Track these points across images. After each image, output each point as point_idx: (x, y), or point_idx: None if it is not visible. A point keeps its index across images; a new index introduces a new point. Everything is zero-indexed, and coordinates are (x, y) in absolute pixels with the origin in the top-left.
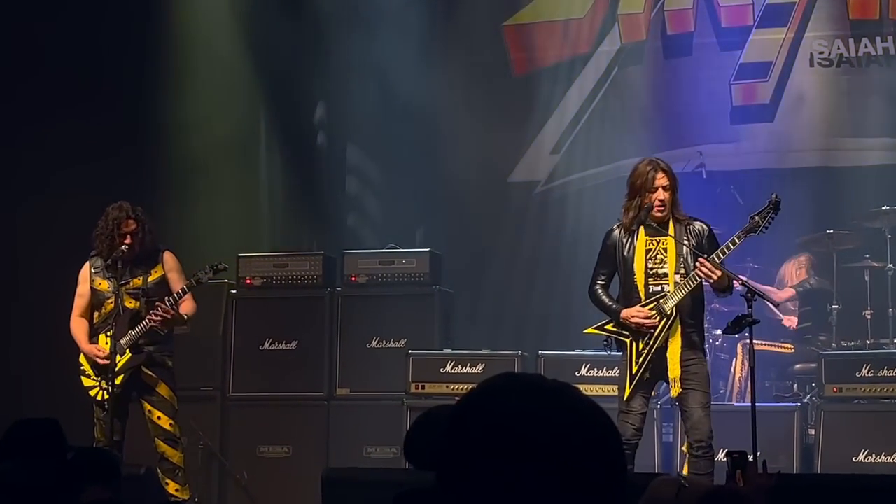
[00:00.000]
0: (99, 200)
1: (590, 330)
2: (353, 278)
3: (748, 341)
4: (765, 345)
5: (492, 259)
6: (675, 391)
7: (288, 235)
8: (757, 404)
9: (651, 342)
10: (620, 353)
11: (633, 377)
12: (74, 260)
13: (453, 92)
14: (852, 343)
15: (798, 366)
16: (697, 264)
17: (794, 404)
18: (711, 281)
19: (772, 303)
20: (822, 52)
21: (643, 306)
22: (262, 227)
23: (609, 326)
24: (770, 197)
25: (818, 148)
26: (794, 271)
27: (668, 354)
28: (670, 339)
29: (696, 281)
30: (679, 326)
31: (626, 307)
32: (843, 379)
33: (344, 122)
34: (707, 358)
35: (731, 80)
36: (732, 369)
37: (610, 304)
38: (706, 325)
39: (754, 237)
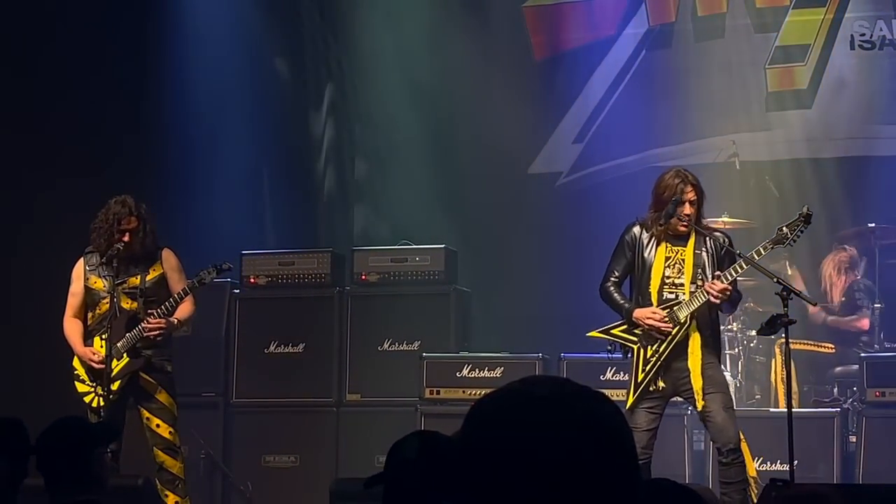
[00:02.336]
0: (97, 193)
1: (594, 333)
2: (363, 277)
3: (785, 342)
4: (803, 344)
5: (511, 255)
6: (700, 404)
7: (294, 231)
8: (794, 409)
9: (661, 350)
10: (621, 357)
11: (637, 385)
12: (69, 256)
13: (470, 77)
14: None
15: (838, 368)
16: (706, 286)
17: (834, 409)
18: (719, 301)
19: (809, 302)
20: (863, 34)
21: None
22: (267, 222)
23: (616, 331)
24: (801, 209)
25: (859, 136)
26: (832, 274)
27: (689, 365)
28: (690, 350)
29: (701, 300)
30: (698, 336)
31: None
32: (887, 382)
33: (354, 109)
34: (741, 360)
35: (765, 65)
36: (772, 373)
37: (622, 302)
38: (741, 326)
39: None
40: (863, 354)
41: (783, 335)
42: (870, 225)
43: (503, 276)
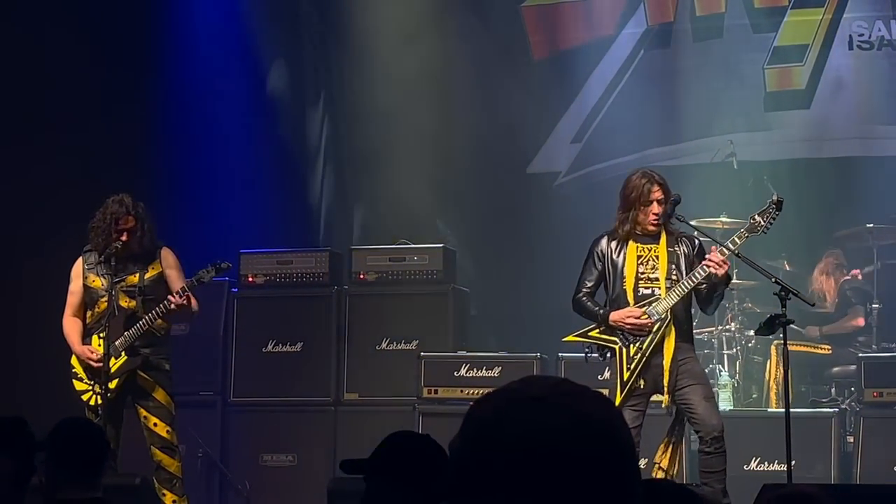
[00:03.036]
0: (97, 193)
1: (570, 337)
2: (361, 276)
3: (782, 342)
4: (800, 346)
5: (509, 255)
6: (666, 399)
7: (292, 230)
8: (792, 410)
9: (644, 347)
10: (602, 360)
11: (623, 385)
12: (68, 255)
13: (468, 77)
14: (894, 345)
15: (836, 369)
16: (708, 256)
17: (831, 410)
18: (719, 274)
19: (807, 302)
20: (861, 35)
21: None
22: (265, 221)
23: (593, 333)
24: (771, 196)
25: (857, 136)
26: (822, 278)
27: (662, 360)
28: (665, 343)
29: (695, 281)
30: (673, 330)
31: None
32: (884, 383)
33: (351, 108)
34: (738, 360)
35: (764, 65)
36: (766, 373)
37: (596, 309)
38: (739, 326)
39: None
40: (860, 355)
41: (781, 336)
42: (868, 225)
43: (501, 275)
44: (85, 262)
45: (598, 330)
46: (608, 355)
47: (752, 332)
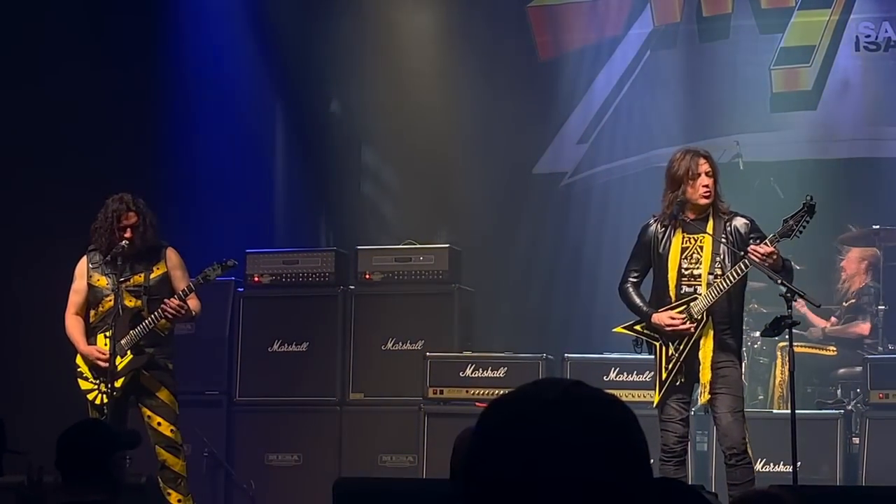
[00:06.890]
0: (100, 192)
1: (619, 329)
2: (367, 276)
3: (788, 344)
4: (806, 347)
5: (514, 255)
6: (703, 398)
7: (298, 231)
8: (798, 411)
9: (682, 347)
10: (651, 356)
11: (662, 384)
12: (71, 254)
13: (475, 78)
14: None
15: (842, 370)
16: (749, 250)
17: (837, 411)
18: (768, 264)
19: (813, 304)
20: (868, 36)
21: (673, 308)
22: (272, 221)
23: (639, 327)
24: (804, 199)
25: (864, 137)
26: (857, 265)
27: (699, 357)
28: (702, 342)
29: (734, 279)
30: (712, 329)
31: (657, 307)
32: (890, 384)
33: (359, 109)
34: (744, 361)
35: (770, 66)
36: (772, 374)
37: (640, 304)
38: (745, 328)
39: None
40: (867, 356)
41: (786, 337)
42: (874, 227)
43: (507, 275)
44: (89, 262)
45: (642, 324)
46: (652, 351)
47: (757, 334)
